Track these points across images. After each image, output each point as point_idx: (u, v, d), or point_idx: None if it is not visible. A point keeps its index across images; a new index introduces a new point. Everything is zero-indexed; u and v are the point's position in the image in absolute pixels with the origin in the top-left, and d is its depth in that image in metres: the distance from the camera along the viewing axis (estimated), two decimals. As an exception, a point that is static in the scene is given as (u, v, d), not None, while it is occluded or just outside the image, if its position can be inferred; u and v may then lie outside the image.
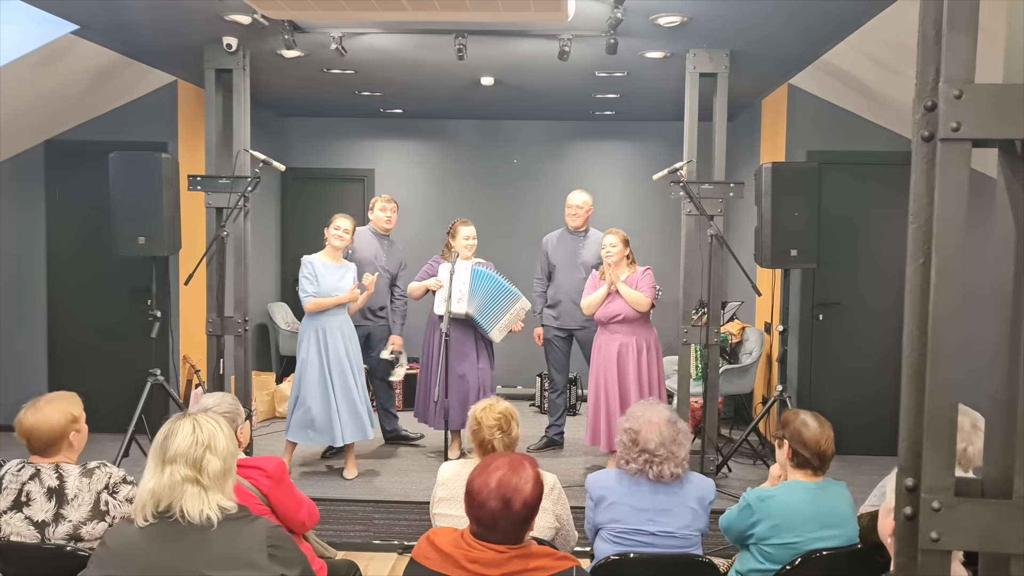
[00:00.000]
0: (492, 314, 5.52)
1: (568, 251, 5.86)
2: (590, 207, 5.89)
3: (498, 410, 3.09)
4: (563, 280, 5.85)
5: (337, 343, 5.16)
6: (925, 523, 1.04)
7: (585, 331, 5.77)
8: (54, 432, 2.65)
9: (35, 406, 2.68)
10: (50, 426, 2.64)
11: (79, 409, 2.76)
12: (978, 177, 1.55)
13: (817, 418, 2.86)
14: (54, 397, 2.73)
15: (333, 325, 5.17)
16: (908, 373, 1.07)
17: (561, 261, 5.87)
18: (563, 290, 5.84)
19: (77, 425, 2.73)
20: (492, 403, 3.15)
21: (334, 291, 5.16)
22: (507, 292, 5.54)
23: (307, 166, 8.22)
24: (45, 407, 2.67)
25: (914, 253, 1.07)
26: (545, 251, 5.99)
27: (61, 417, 2.67)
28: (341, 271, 5.25)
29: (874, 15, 4.37)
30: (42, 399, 2.71)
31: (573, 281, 5.77)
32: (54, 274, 6.50)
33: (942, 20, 1.04)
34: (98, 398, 6.64)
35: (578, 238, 5.86)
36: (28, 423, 2.64)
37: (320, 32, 4.91)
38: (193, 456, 2.04)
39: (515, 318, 5.60)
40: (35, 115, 5.96)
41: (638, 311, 5.08)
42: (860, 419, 6.01)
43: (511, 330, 5.63)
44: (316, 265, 5.19)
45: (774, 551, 2.72)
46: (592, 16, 4.54)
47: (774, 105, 6.50)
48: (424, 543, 2.15)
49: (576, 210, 5.84)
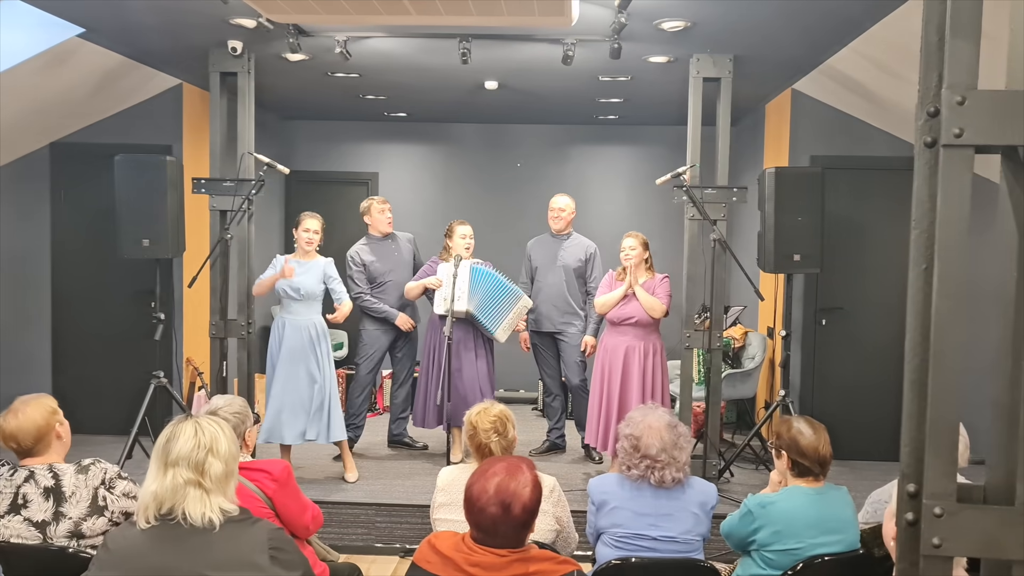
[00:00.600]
0: (494, 313, 5.49)
1: (549, 253, 5.84)
2: (572, 211, 5.88)
3: (493, 413, 3.08)
4: (543, 283, 5.83)
5: (294, 342, 5.08)
6: (927, 529, 1.04)
7: (564, 335, 5.79)
8: (40, 428, 2.67)
9: (12, 411, 2.69)
10: (35, 423, 2.66)
11: (54, 403, 2.78)
12: (980, 182, 1.55)
13: (810, 423, 2.85)
14: (27, 398, 2.75)
15: (292, 324, 5.11)
16: (910, 379, 1.07)
17: (542, 263, 5.86)
18: (543, 293, 5.82)
19: (58, 417, 2.76)
20: (487, 407, 3.14)
21: (289, 284, 5.07)
22: (508, 290, 5.52)
23: (311, 169, 8.23)
24: (24, 408, 2.69)
25: (916, 259, 1.07)
26: (528, 254, 5.99)
27: (43, 411, 2.69)
28: (305, 266, 5.16)
29: (878, 20, 4.37)
30: (16, 403, 2.72)
31: (552, 284, 5.76)
32: (58, 276, 6.51)
33: (945, 26, 1.04)
34: (102, 400, 6.71)
35: (559, 241, 5.86)
36: (11, 427, 2.65)
37: (324, 36, 4.92)
38: (195, 459, 2.05)
39: (518, 317, 5.59)
40: (41, 117, 5.98)
41: (652, 317, 5.06)
42: (862, 424, 6.00)
43: (515, 329, 5.62)
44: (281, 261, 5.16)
45: (776, 557, 2.71)
46: (596, 20, 4.55)
47: (777, 110, 6.50)
48: (425, 547, 2.15)
49: (558, 213, 5.83)
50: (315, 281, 5.16)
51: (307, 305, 5.16)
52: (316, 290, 5.17)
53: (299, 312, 5.15)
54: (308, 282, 5.13)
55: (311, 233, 5.19)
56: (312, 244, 5.20)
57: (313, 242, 5.20)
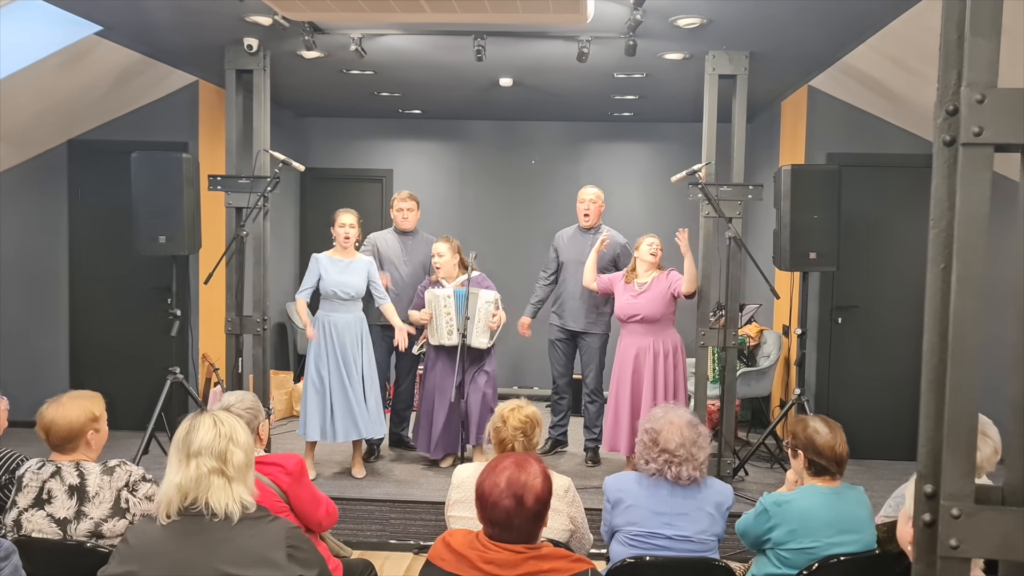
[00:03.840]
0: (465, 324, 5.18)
1: (579, 249, 5.69)
2: (602, 202, 5.81)
3: (525, 413, 3.09)
4: (570, 280, 5.73)
5: (342, 341, 5.12)
6: (944, 530, 1.03)
7: (588, 335, 5.72)
8: (72, 429, 2.68)
9: (58, 401, 2.70)
10: (69, 423, 2.67)
11: (101, 409, 2.78)
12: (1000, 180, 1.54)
13: (826, 422, 2.83)
14: (78, 395, 2.76)
15: (340, 323, 5.14)
16: (928, 379, 1.07)
17: (570, 259, 5.75)
18: (569, 290, 5.74)
19: (97, 424, 2.76)
20: (521, 405, 3.14)
21: (338, 286, 5.10)
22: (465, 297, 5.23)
23: (326, 166, 8.26)
24: (67, 403, 2.70)
25: (935, 258, 1.06)
26: (556, 246, 5.87)
27: (81, 414, 2.70)
28: (346, 265, 5.18)
29: (895, 16, 4.33)
30: (66, 395, 2.74)
31: (579, 281, 5.63)
32: (76, 272, 6.57)
33: (965, 24, 1.03)
34: (118, 396, 6.70)
35: (589, 236, 5.71)
36: (48, 417, 2.67)
37: (340, 33, 4.93)
38: (218, 448, 2.08)
39: (485, 315, 5.22)
40: (58, 115, 6.03)
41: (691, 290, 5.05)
42: (878, 423, 5.97)
43: (490, 327, 5.26)
44: (321, 261, 5.19)
45: (791, 556, 2.70)
46: (611, 18, 4.54)
47: (794, 107, 6.47)
48: (440, 544, 2.16)
49: (588, 205, 5.71)
50: (361, 280, 5.18)
51: (355, 304, 5.20)
52: (363, 288, 5.19)
53: (346, 310, 5.17)
54: (355, 281, 5.16)
55: (347, 228, 5.18)
56: (350, 240, 5.19)
57: (351, 237, 5.19)
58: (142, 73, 5.84)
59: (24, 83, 5.07)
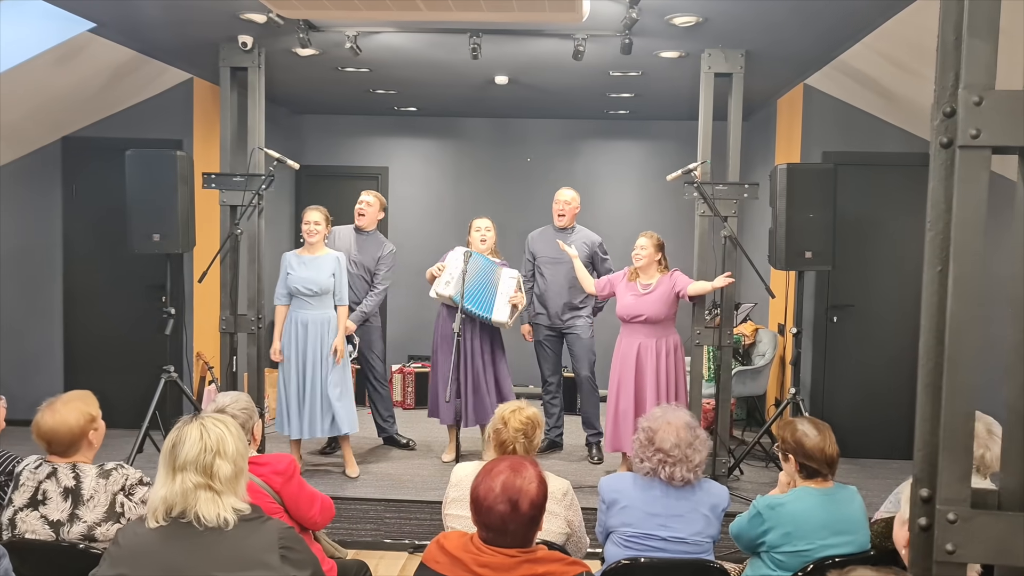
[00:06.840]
0: (486, 298, 5.29)
1: (553, 247, 5.69)
2: (578, 205, 5.82)
3: (526, 415, 3.08)
4: (549, 278, 5.78)
5: (308, 338, 5.10)
6: (940, 535, 1.02)
7: (573, 332, 5.75)
8: (74, 434, 2.67)
9: (52, 408, 2.68)
10: (69, 428, 2.66)
11: (95, 408, 2.77)
12: (997, 180, 1.53)
13: (814, 424, 2.82)
14: (70, 398, 2.74)
15: (307, 320, 5.12)
16: (924, 382, 1.06)
17: (546, 258, 5.79)
18: (551, 289, 5.77)
19: (95, 424, 2.75)
20: (522, 406, 3.13)
21: (301, 282, 5.07)
22: (493, 268, 5.37)
23: (321, 163, 8.24)
24: (62, 409, 2.68)
25: (931, 260, 1.06)
26: (529, 248, 5.91)
27: (80, 418, 2.69)
28: (311, 261, 5.15)
29: (891, 15, 4.33)
30: (58, 400, 2.72)
31: (559, 279, 5.69)
32: (70, 270, 6.54)
33: (962, 25, 1.02)
34: (112, 394, 6.65)
35: (564, 235, 5.74)
36: (47, 427, 2.65)
37: (335, 31, 4.92)
38: (203, 463, 2.04)
39: (508, 290, 5.35)
40: (52, 112, 6.00)
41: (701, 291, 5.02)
42: (874, 422, 5.97)
43: (514, 305, 5.37)
44: (289, 259, 5.17)
45: (786, 558, 2.70)
46: (607, 16, 4.53)
47: (789, 105, 6.47)
48: (434, 547, 2.15)
49: (564, 207, 5.75)
50: (325, 276, 5.12)
51: (320, 300, 5.14)
52: (328, 285, 5.14)
53: (312, 307, 5.13)
54: (318, 278, 5.10)
55: (312, 225, 5.15)
56: (313, 235, 5.15)
57: (314, 233, 5.15)
58: (136, 70, 5.82)
59: (18, 80, 5.04)
